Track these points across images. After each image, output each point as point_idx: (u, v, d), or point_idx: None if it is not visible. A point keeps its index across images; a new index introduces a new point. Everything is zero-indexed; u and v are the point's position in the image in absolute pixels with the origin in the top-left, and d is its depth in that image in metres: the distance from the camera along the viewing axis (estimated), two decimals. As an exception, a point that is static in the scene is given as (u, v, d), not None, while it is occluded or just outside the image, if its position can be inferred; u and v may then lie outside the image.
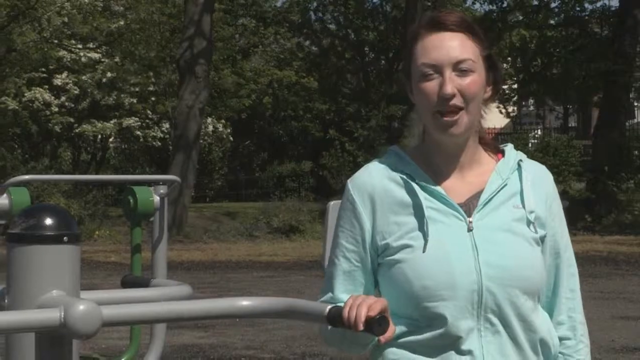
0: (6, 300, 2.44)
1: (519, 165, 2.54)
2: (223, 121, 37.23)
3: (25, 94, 32.71)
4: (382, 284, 2.50)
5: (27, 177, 6.56)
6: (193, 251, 22.65)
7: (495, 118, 51.64)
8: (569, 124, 50.00)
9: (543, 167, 2.61)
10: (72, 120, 33.45)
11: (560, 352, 2.56)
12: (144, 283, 3.97)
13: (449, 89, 2.39)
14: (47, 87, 33.01)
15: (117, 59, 33.38)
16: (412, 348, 2.44)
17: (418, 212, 2.44)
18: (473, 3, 39.57)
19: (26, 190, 5.76)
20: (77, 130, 33.87)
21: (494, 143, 2.61)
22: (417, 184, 2.47)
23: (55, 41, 32.56)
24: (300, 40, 41.31)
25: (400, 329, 2.43)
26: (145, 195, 4.87)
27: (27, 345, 2.33)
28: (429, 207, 2.45)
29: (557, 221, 2.55)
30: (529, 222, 2.46)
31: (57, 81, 33.05)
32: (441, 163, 2.52)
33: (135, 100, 33.59)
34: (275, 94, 39.45)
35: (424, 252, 2.40)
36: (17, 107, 32.41)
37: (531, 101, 49.80)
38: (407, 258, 2.41)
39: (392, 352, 2.48)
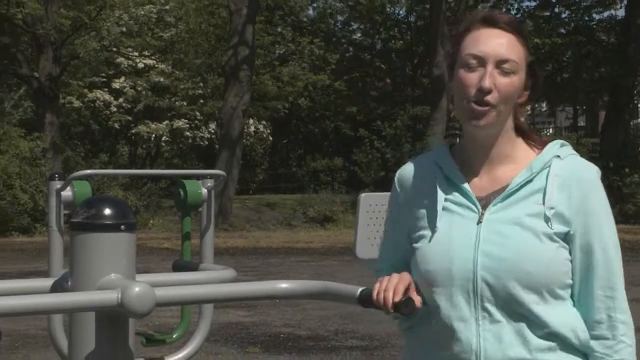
0: (69, 283, 2.45)
1: (551, 162, 2.34)
2: (264, 122, 37.29)
3: (87, 96, 32.94)
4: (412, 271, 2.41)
5: (88, 171, 6.58)
6: (237, 238, 22.70)
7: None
8: (578, 124, 49.58)
9: (585, 166, 2.35)
10: (129, 118, 33.64)
11: (598, 352, 2.30)
12: (193, 267, 3.97)
13: (488, 83, 2.26)
14: (106, 90, 33.21)
15: (169, 65, 33.51)
16: (420, 332, 2.38)
17: (436, 204, 2.35)
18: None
19: (88, 183, 5.78)
20: (133, 130, 34.04)
21: (540, 140, 2.42)
22: (444, 176, 2.38)
23: (114, 49, 32.73)
24: (331, 48, 41.22)
25: (419, 316, 2.36)
26: (194, 188, 4.88)
27: (88, 324, 2.34)
28: (449, 199, 2.34)
29: (591, 219, 2.29)
30: (546, 219, 2.25)
31: (116, 85, 33.23)
32: (472, 156, 2.38)
33: (185, 103, 33.70)
34: (310, 96, 39.42)
35: (430, 241, 2.32)
36: (80, 106, 32.65)
37: (543, 103, 49.49)
38: (420, 246, 2.34)
39: (408, 334, 2.44)
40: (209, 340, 5.04)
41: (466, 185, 2.34)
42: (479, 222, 2.29)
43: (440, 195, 2.35)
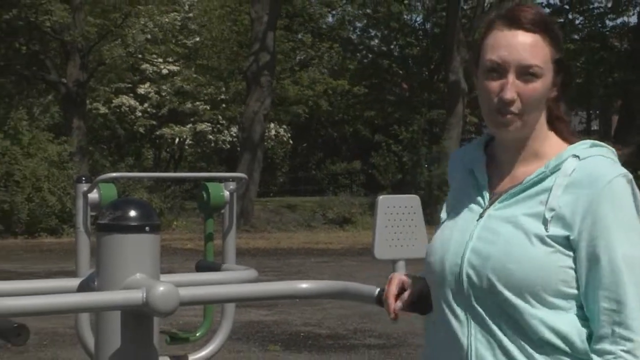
0: (96, 283, 2.46)
1: (565, 161, 2.13)
2: (284, 126, 37.32)
3: (113, 101, 33.08)
4: None
5: (114, 174, 6.60)
6: (258, 240, 22.72)
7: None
8: (591, 127, 49.33)
9: (604, 170, 2.10)
10: (154, 122, 33.76)
11: None
12: (215, 267, 3.98)
13: (509, 95, 2.07)
14: (132, 95, 33.35)
15: (192, 71, 33.60)
16: (430, 326, 2.27)
17: (453, 194, 2.27)
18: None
19: (113, 185, 5.80)
20: (157, 133, 34.15)
21: (570, 135, 2.22)
22: (470, 169, 2.25)
23: (139, 56, 32.85)
24: (349, 55, 41.22)
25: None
26: (216, 190, 4.89)
27: (114, 322, 2.35)
28: (466, 192, 2.23)
29: (600, 227, 2.05)
30: (544, 220, 2.06)
31: (141, 90, 33.35)
32: (500, 152, 2.22)
33: (208, 107, 33.79)
34: (329, 100, 39.42)
35: (435, 234, 2.24)
36: (106, 112, 32.80)
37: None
38: (434, 235, 2.27)
39: (426, 326, 2.32)
40: (231, 338, 5.05)
41: (483, 180, 2.21)
42: (480, 217, 2.15)
43: (459, 187, 2.27)
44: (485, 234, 2.11)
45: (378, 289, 2.24)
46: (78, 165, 26.08)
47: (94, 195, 5.88)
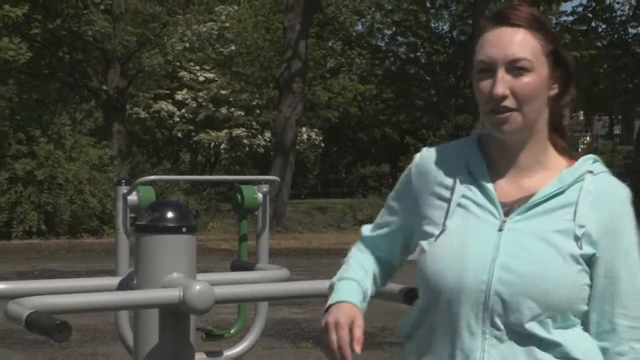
0: (135, 281, 2.47)
1: (584, 177, 2.02)
2: (316, 130, 37.33)
3: (153, 107, 33.26)
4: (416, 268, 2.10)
5: (152, 177, 6.64)
6: (290, 240, 22.73)
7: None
8: (614, 132, 48.99)
9: (618, 185, 2.04)
10: (191, 127, 33.90)
11: None
12: (249, 267, 3.98)
13: (499, 90, 1.94)
14: (170, 101, 33.51)
15: (228, 78, 33.72)
16: (421, 341, 2.06)
17: (452, 199, 2.03)
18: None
19: (152, 188, 5.83)
20: (195, 138, 34.29)
21: (573, 153, 2.11)
22: (469, 172, 2.04)
23: (177, 63, 33.01)
24: (378, 62, 41.16)
25: (418, 320, 2.09)
26: (250, 192, 4.90)
27: (152, 319, 2.35)
28: (467, 197, 2.02)
29: (620, 244, 1.98)
30: (576, 237, 1.94)
31: (178, 97, 33.50)
32: (500, 157, 2.04)
33: (242, 113, 33.88)
34: (359, 106, 39.39)
35: (437, 240, 2.00)
36: (146, 116, 32.98)
37: (580, 112, 49.03)
38: (430, 241, 2.01)
39: (408, 345, 2.12)
40: (264, 335, 5.06)
41: (491, 187, 2.01)
42: (500, 229, 1.96)
43: (459, 190, 2.03)
44: (514, 250, 1.94)
45: (405, 288, 2.19)
46: (118, 168, 26.22)
47: (133, 197, 5.91)
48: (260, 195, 4.92)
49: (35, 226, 23.06)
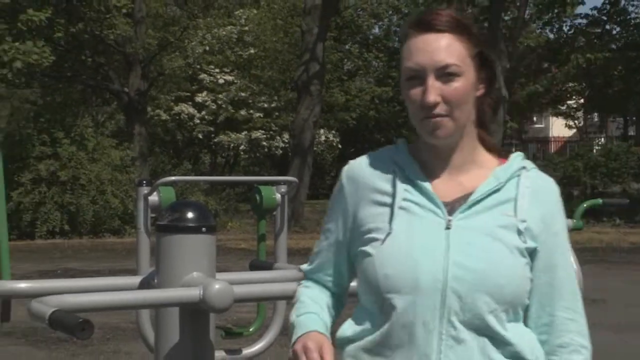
0: (156, 280, 2.48)
1: (519, 173, 2.03)
2: (333, 131, 37.33)
3: (174, 109, 33.35)
4: (358, 276, 2.07)
5: (173, 178, 6.64)
6: (308, 240, 22.70)
7: (564, 128, 50.65)
8: (628, 133, 48.72)
9: (550, 180, 2.06)
10: (211, 129, 33.98)
11: None
12: (268, 266, 3.99)
13: (431, 98, 1.92)
14: (190, 103, 33.59)
15: (247, 81, 33.78)
16: (370, 347, 2.00)
17: (394, 202, 1.99)
18: (543, 28, 38.89)
19: (172, 189, 5.84)
20: (215, 140, 34.37)
21: (499, 149, 2.11)
22: (404, 176, 2.02)
23: (197, 66, 33.09)
24: (395, 64, 41.12)
25: (363, 326, 2.03)
26: (269, 193, 4.91)
27: (173, 318, 2.36)
28: (408, 199, 1.98)
29: (556, 238, 2.00)
30: (519, 231, 1.94)
31: (199, 99, 33.58)
32: (432, 159, 2.03)
33: (261, 115, 33.92)
34: (376, 108, 39.36)
35: (383, 243, 1.95)
36: (167, 118, 33.08)
37: (595, 113, 48.84)
38: (375, 246, 1.97)
39: (348, 352, 2.05)
40: (282, 333, 5.05)
41: (428, 186, 1.99)
42: (447, 228, 1.94)
43: (399, 193, 1.99)
44: (465, 247, 1.92)
45: None
46: (139, 169, 26.31)
47: (154, 197, 5.93)
48: (278, 196, 4.93)
49: (58, 226, 23.17)
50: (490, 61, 2.04)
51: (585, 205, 5.13)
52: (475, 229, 1.94)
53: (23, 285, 2.59)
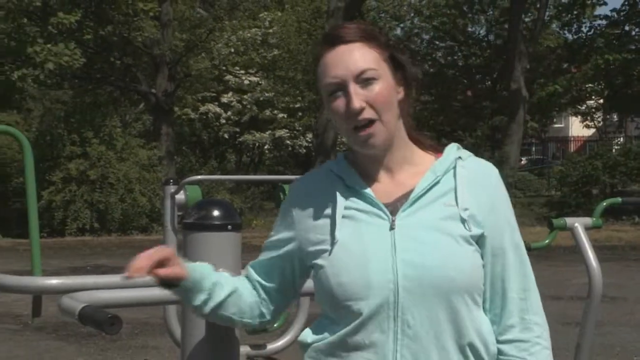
0: (182, 277, 2.47)
1: (455, 164, 2.03)
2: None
3: (200, 109, 33.47)
4: (315, 286, 2.04)
5: (199, 177, 6.65)
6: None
7: (584, 128, 50.36)
8: (646, 133, 48.37)
9: (487, 165, 2.07)
10: (237, 129, 34.07)
11: (513, 356, 1.98)
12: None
13: (356, 104, 1.91)
14: (216, 104, 33.70)
15: (271, 82, 33.84)
16: (330, 351, 1.97)
17: (336, 212, 1.97)
18: (561, 30, 38.68)
19: (198, 187, 5.85)
20: (240, 139, 34.45)
21: (433, 144, 2.11)
22: (344, 185, 2.01)
23: (223, 67, 33.17)
24: (418, 64, 41.06)
25: (323, 331, 2.01)
26: (293, 192, 4.91)
27: (198, 313, 2.36)
28: (351, 207, 1.97)
29: (501, 220, 1.99)
30: (462, 220, 1.93)
31: (224, 99, 33.67)
32: (370, 164, 2.02)
33: (285, 115, 33.97)
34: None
35: (331, 254, 1.94)
36: (194, 117, 33.22)
37: (614, 114, 48.49)
38: (325, 257, 1.95)
39: (309, 355, 2.02)
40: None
41: (369, 191, 1.98)
42: (392, 228, 1.93)
43: (340, 203, 1.98)
44: (410, 244, 1.91)
45: None
46: (166, 168, 26.41)
47: (180, 196, 5.94)
48: (302, 195, 4.92)
49: (88, 224, 23.32)
50: (403, 62, 2.04)
51: (604, 204, 5.10)
52: (419, 225, 1.93)
53: (54, 281, 2.61)
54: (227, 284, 2.08)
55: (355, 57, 1.95)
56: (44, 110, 24.94)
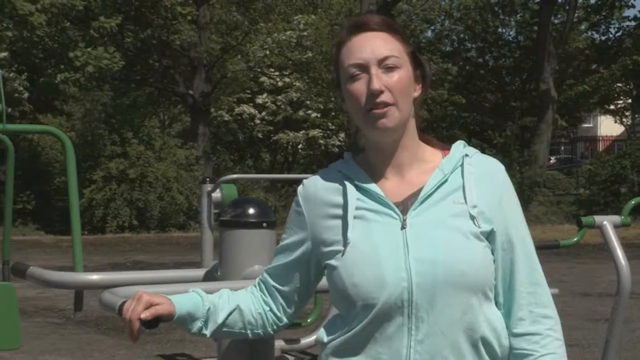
0: (219, 272, 2.49)
1: (462, 161, 2.03)
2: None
3: (235, 109, 33.59)
4: (329, 287, 2.04)
5: (235, 176, 6.68)
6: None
7: (612, 127, 49.93)
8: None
9: (494, 162, 2.06)
10: (271, 129, 34.15)
11: (525, 349, 1.98)
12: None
13: (376, 84, 1.92)
14: (251, 104, 33.79)
15: (305, 83, 33.86)
16: (345, 348, 1.97)
17: (347, 213, 1.97)
18: (590, 31, 38.35)
19: (234, 186, 5.87)
20: (274, 138, 34.52)
21: (441, 143, 2.11)
22: (354, 185, 2.01)
23: (258, 69, 33.26)
24: (449, 66, 40.87)
25: (338, 329, 2.00)
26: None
27: (234, 308, 2.36)
28: (362, 207, 1.97)
29: (509, 215, 1.99)
30: (471, 217, 1.93)
31: (259, 100, 33.76)
32: (379, 164, 2.04)
33: (318, 115, 33.99)
34: (428, 108, 39.18)
35: (344, 254, 1.94)
36: (229, 118, 33.32)
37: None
38: (338, 258, 1.95)
39: (325, 352, 2.03)
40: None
41: (379, 191, 1.98)
42: (403, 227, 1.92)
43: (351, 204, 1.98)
44: (422, 242, 1.91)
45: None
46: (203, 167, 26.52)
47: (217, 194, 5.96)
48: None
49: (127, 221, 23.48)
50: (422, 62, 2.05)
51: (632, 202, 5.06)
52: (429, 223, 1.93)
53: (95, 277, 2.63)
54: (225, 306, 2.08)
55: (380, 43, 1.97)
56: (85, 111, 25.15)
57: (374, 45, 1.96)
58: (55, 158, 24.17)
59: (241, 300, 2.11)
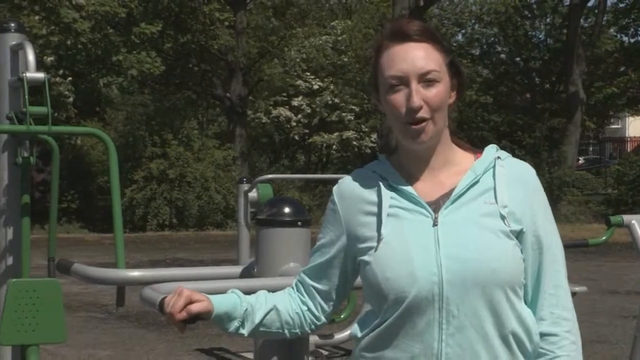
0: (255, 270, 2.50)
1: (494, 163, 2.04)
2: (419, 132, 37.10)
3: (272, 112, 33.67)
4: (362, 283, 2.05)
5: (270, 176, 6.71)
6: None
7: (640, 128, 49.36)
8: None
9: (526, 165, 2.07)
10: (306, 131, 34.18)
11: (542, 348, 1.98)
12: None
13: (417, 101, 1.92)
14: (287, 107, 33.85)
15: (339, 86, 33.85)
16: (378, 342, 1.98)
17: (382, 210, 1.98)
18: (619, 33, 37.96)
19: (270, 186, 5.88)
20: (309, 140, 34.55)
21: (475, 148, 2.12)
22: (388, 184, 2.02)
23: (295, 73, 33.32)
24: (479, 68, 40.65)
25: (370, 324, 2.01)
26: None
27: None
28: (395, 205, 1.98)
29: (539, 217, 1.99)
30: (502, 217, 1.94)
31: (295, 103, 33.82)
32: (412, 166, 2.04)
33: (352, 117, 33.96)
34: (458, 109, 39.01)
35: (377, 250, 1.95)
36: (267, 121, 33.42)
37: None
38: (372, 254, 1.96)
39: (360, 347, 2.03)
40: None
41: (412, 190, 1.99)
42: (435, 224, 1.94)
43: (385, 202, 1.99)
44: (453, 239, 1.91)
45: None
46: (240, 168, 26.61)
47: (253, 194, 5.98)
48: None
49: (167, 220, 23.62)
50: (460, 70, 2.06)
51: (661, 201, 5.00)
52: (461, 221, 1.94)
53: (136, 273, 2.65)
54: (262, 306, 2.10)
55: (422, 56, 1.96)
56: (127, 114, 25.35)
57: (416, 59, 1.95)
58: (98, 159, 24.38)
59: (278, 301, 2.12)
